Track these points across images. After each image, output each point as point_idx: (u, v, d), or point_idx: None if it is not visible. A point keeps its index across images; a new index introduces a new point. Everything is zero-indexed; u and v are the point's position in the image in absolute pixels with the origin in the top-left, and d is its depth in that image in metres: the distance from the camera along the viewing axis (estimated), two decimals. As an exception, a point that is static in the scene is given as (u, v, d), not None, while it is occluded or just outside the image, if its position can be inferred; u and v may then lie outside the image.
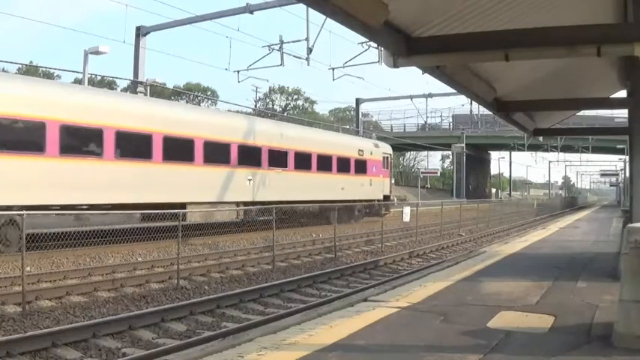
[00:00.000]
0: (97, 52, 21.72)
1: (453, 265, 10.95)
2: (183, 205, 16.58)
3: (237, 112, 39.28)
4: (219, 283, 12.27)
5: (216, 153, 18.82)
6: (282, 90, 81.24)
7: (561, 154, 67.20)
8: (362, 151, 27.77)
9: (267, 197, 20.27)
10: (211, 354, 4.87)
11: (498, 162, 74.94)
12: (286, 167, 21.87)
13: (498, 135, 54.74)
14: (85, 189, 14.55)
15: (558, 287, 7.81)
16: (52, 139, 14.08)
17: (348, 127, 51.15)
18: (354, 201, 25.19)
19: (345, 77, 29.70)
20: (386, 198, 29.06)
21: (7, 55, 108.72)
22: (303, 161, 22.73)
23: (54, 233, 13.85)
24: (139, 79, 24.67)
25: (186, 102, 57.29)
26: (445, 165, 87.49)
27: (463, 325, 5.65)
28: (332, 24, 26.88)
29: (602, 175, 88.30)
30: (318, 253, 17.30)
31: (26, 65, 50.83)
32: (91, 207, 14.62)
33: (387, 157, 30.34)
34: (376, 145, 29.91)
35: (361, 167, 27.30)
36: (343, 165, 25.86)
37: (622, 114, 24.52)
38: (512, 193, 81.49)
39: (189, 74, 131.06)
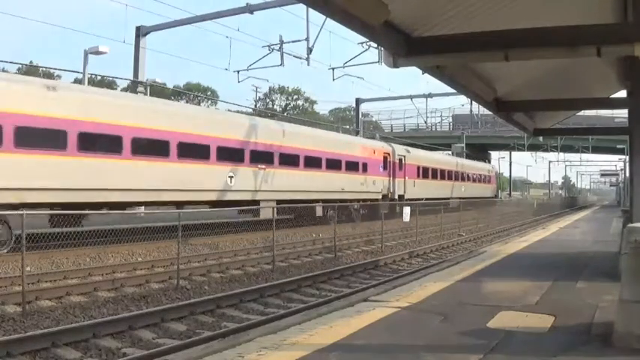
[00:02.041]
0: (97, 52, 21.73)
1: (453, 265, 10.94)
2: (448, 199, 33.06)
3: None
4: (219, 283, 12.26)
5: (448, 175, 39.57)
6: (282, 90, 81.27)
7: (561, 154, 67.07)
8: (487, 170, 51.44)
9: (457, 195, 37.65)
10: (211, 354, 4.86)
11: (498, 162, 74.76)
12: (463, 181, 42.36)
13: (498, 135, 54.58)
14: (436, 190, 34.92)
15: (558, 287, 7.81)
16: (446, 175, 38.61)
17: (348, 127, 51.10)
18: (483, 197, 44.07)
19: (345, 77, 29.67)
20: (495, 196, 51.89)
21: (7, 54, 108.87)
22: (466, 177, 43.44)
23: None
24: (139, 79, 24.66)
25: (186, 102, 57.20)
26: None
27: (463, 325, 5.65)
28: (332, 24, 26.93)
29: (602, 175, 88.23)
30: (318, 253, 17.30)
31: (26, 65, 50.74)
32: (428, 199, 31.05)
33: (496, 173, 55.36)
34: (492, 167, 54.91)
35: (487, 179, 50.07)
36: (481, 178, 47.90)
37: (622, 114, 24.49)
38: (513, 193, 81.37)
39: (189, 74, 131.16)
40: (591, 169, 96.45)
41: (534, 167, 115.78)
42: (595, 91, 12.80)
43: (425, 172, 34.48)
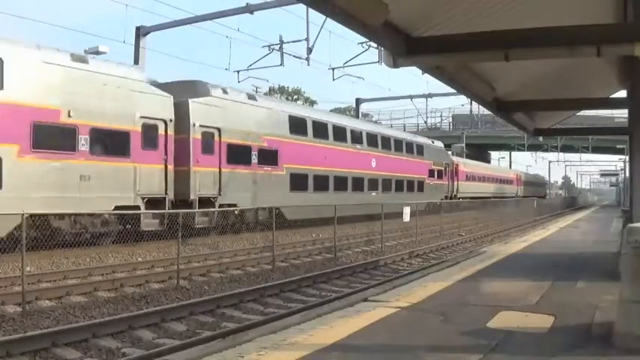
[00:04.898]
0: (97, 52, 21.65)
1: (453, 265, 10.95)
2: (532, 196, 54.36)
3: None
4: (219, 283, 12.26)
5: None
6: (282, 90, 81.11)
7: (561, 154, 67.21)
8: (539, 179, 78.59)
9: (536, 193, 63.55)
10: (211, 354, 4.87)
11: (498, 162, 74.86)
12: (537, 186, 73.05)
13: (498, 135, 54.58)
14: (528, 192, 65.12)
15: (558, 287, 7.81)
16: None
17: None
18: (541, 195, 67.81)
19: (345, 77, 29.67)
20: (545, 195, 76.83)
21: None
22: (537, 184, 74.53)
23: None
24: (139, 79, 24.59)
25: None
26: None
27: (463, 325, 5.66)
28: (332, 24, 26.84)
29: (602, 175, 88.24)
30: (318, 253, 17.29)
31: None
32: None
33: (547, 183, 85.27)
34: (544, 176, 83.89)
35: (542, 184, 79.08)
36: (541, 184, 77.97)
37: (622, 114, 24.48)
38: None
39: (189, 74, 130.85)
40: (591, 169, 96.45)
41: (534, 167, 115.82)
42: (595, 91, 12.81)
43: (526, 183, 65.50)
